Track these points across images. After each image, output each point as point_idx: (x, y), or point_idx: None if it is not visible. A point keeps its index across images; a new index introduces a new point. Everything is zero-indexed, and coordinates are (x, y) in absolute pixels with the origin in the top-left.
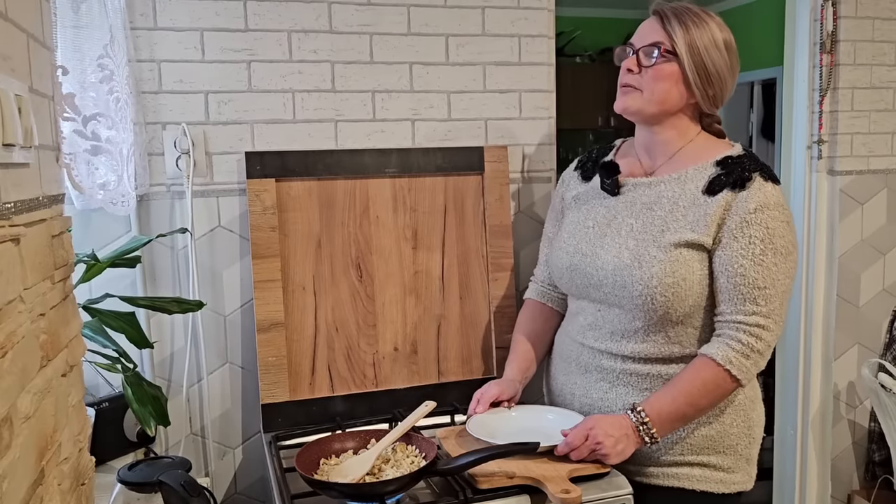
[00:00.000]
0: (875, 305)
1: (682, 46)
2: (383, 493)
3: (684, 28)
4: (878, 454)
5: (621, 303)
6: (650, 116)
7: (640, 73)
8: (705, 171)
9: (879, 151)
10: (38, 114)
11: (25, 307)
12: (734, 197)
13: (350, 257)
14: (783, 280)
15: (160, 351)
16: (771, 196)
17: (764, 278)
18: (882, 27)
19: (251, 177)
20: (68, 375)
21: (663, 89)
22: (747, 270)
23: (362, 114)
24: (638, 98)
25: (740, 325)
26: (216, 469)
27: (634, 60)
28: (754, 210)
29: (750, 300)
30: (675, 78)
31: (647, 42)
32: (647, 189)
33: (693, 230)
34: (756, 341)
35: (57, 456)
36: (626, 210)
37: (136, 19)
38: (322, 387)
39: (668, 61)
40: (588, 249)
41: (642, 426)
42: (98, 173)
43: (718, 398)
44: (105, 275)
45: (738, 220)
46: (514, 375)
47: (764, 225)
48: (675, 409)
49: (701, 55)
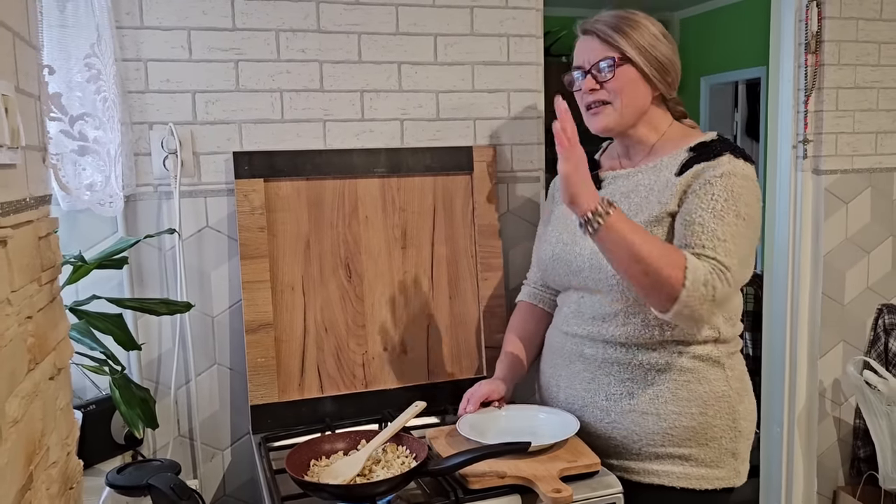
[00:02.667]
0: (860, 303)
1: (632, 51)
2: (374, 495)
3: (625, 36)
4: (863, 450)
5: (599, 286)
6: (628, 124)
7: (602, 88)
8: (679, 157)
9: (864, 151)
10: (25, 114)
11: (13, 310)
12: (703, 167)
13: (339, 257)
14: (743, 243)
15: (148, 353)
16: (739, 168)
17: (724, 231)
18: (866, 27)
19: (239, 177)
20: (56, 378)
21: (631, 92)
22: (706, 221)
23: (351, 113)
24: (611, 112)
25: (702, 256)
26: (205, 471)
27: (592, 80)
28: (720, 175)
29: (709, 247)
30: (636, 78)
31: (594, 60)
32: (625, 180)
33: (660, 202)
34: (716, 278)
35: (45, 460)
36: None
37: (122, 18)
38: (311, 388)
39: (620, 66)
40: (569, 238)
41: (605, 203)
42: (85, 174)
43: (657, 275)
44: (92, 276)
45: (703, 181)
46: (504, 375)
47: (728, 188)
48: (633, 230)
49: (650, 52)
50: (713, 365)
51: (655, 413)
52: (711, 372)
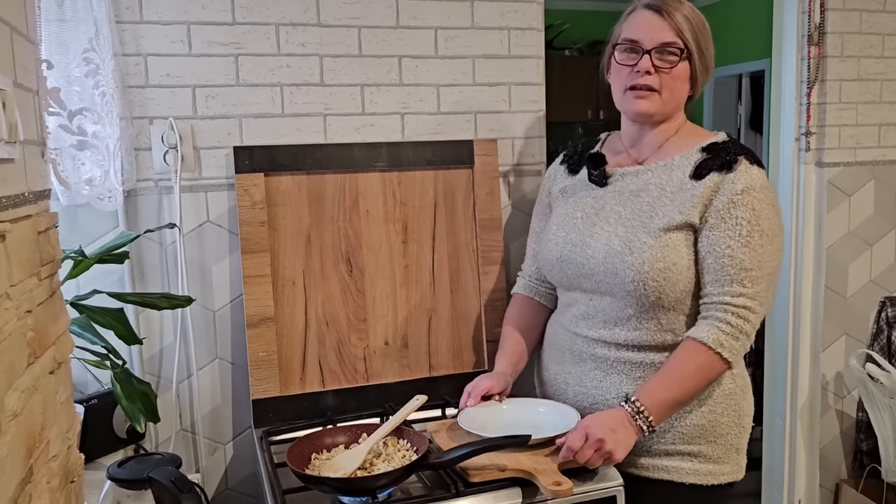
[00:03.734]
0: (862, 296)
1: (692, 43)
2: (375, 488)
3: (688, 22)
4: (865, 443)
5: (613, 290)
6: (666, 116)
7: (656, 73)
8: (691, 157)
9: (867, 143)
10: (23, 109)
11: (12, 304)
12: (722, 178)
13: (340, 252)
14: (769, 262)
15: (149, 347)
16: (757, 179)
17: (751, 259)
18: (869, 19)
19: (240, 171)
20: (56, 373)
21: (679, 89)
22: (735, 252)
23: (351, 107)
24: (657, 101)
25: (727, 305)
26: (207, 465)
27: (649, 62)
28: (741, 191)
29: (737, 281)
30: (687, 75)
31: (659, 42)
32: (634, 177)
33: (681, 212)
34: (744, 323)
35: (45, 454)
36: (614, 199)
37: (121, 13)
38: (313, 382)
39: (682, 60)
40: (577, 239)
41: (638, 415)
42: (84, 168)
43: (710, 381)
44: (93, 271)
45: (726, 200)
46: (504, 368)
47: (750, 207)
48: (671, 395)
49: (702, 47)
50: None
51: None
52: None
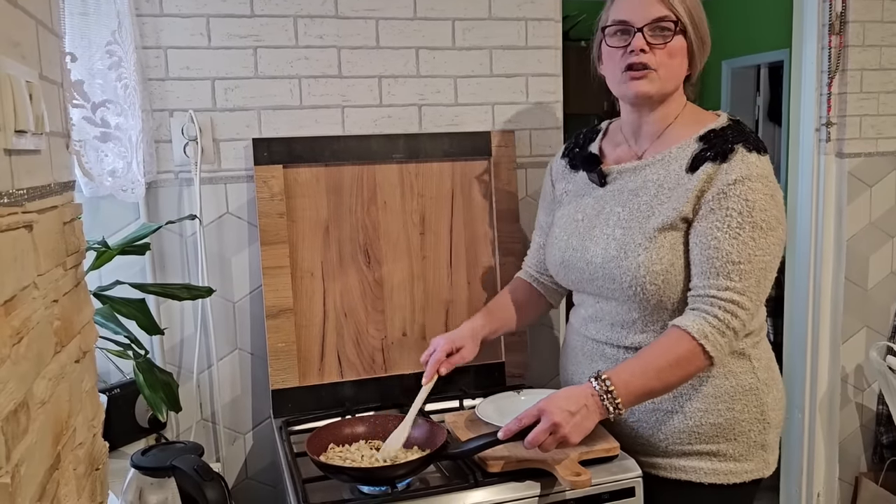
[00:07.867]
0: (883, 288)
1: (685, 16)
2: (394, 477)
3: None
4: (885, 437)
5: (614, 295)
6: (666, 95)
7: (651, 51)
8: (688, 148)
9: (888, 133)
10: (48, 101)
11: (39, 293)
12: (716, 169)
13: (358, 243)
14: (761, 256)
15: (170, 337)
16: (754, 167)
17: (739, 252)
18: (892, 7)
19: (259, 163)
20: (81, 361)
21: (677, 66)
22: (721, 243)
23: (369, 99)
24: (656, 79)
25: (713, 299)
26: (227, 454)
27: (643, 40)
28: (734, 182)
29: (724, 274)
30: (684, 50)
31: (651, 18)
32: (632, 175)
33: (675, 209)
34: (731, 318)
35: (72, 441)
36: (614, 199)
37: (141, 6)
38: (331, 372)
39: (676, 34)
40: (578, 244)
41: (607, 395)
42: (107, 160)
43: (688, 375)
44: (114, 262)
45: (717, 191)
46: (474, 324)
47: (743, 197)
48: (645, 382)
49: (696, 20)
50: (738, 357)
51: (680, 411)
52: (737, 365)
